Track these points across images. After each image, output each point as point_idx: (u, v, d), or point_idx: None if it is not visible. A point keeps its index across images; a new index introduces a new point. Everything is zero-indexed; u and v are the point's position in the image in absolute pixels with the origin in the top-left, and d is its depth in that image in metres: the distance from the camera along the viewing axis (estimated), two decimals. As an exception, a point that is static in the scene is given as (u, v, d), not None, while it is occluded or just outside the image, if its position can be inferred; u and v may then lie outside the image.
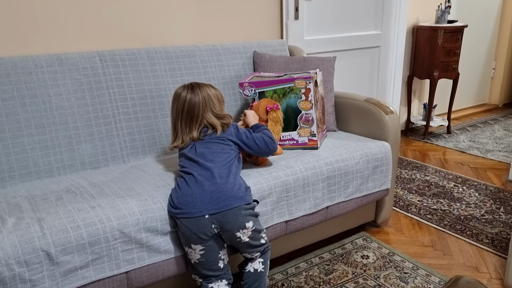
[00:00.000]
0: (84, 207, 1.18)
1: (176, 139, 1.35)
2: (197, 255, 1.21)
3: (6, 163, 1.42)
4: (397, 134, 1.79)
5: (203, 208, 1.17)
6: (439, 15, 3.00)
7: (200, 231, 1.17)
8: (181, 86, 1.38)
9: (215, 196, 1.18)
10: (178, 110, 1.34)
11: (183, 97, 1.34)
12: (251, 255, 1.30)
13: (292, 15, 2.31)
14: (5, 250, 1.01)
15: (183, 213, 1.18)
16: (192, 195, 1.19)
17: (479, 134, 3.26)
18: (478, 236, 1.84)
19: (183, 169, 1.29)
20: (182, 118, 1.34)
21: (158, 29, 1.92)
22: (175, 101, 1.36)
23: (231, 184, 1.21)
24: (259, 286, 1.31)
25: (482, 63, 3.86)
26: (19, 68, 1.48)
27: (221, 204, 1.17)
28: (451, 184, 2.37)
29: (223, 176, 1.23)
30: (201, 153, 1.29)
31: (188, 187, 1.21)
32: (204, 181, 1.21)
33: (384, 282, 1.54)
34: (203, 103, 1.33)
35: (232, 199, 1.18)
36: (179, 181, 1.26)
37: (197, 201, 1.18)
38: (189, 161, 1.29)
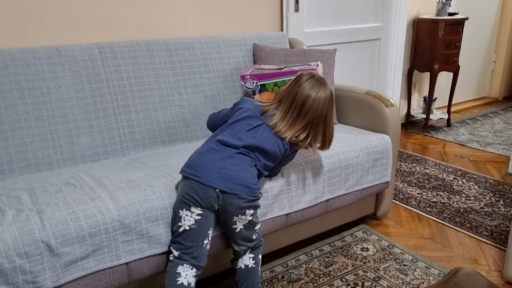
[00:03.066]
0: (84, 199, 1.18)
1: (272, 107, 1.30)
2: (191, 220, 1.18)
3: (6, 156, 1.42)
4: (397, 127, 1.79)
5: (216, 182, 1.16)
6: (439, 8, 2.98)
7: (205, 199, 1.18)
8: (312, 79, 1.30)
9: (232, 177, 1.18)
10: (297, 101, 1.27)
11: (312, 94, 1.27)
12: (239, 247, 1.29)
13: (292, 7, 2.30)
14: (5, 242, 1.01)
15: (196, 175, 1.18)
16: (213, 165, 1.18)
17: (479, 127, 3.26)
18: (477, 229, 1.85)
19: (222, 136, 1.25)
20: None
21: (157, 21, 1.91)
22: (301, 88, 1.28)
23: (250, 174, 1.21)
24: (251, 281, 1.29)
25: (482, 56, 3.85)
26: (18, 60, 1.47)
27: (234, 187, 1.17)
28: (451, 177, 2.37)
29: (247, 163, 1.22)
30: (256, 137, 1.25)
31: (212, 155, 1.20)
32: (230, 159, 1.20)
33: (383, 274, 1.55)
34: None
35: (244, 188, 1.18)
36: (208, 144, 1.25)
37: (214, 172, 1.17)
38: (236, 135, 1.25)
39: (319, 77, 1.32)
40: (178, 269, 1.18)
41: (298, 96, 1.27)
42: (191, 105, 1.80)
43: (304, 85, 1.28)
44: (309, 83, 1.28)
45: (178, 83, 1.78)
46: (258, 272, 1.32)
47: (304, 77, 1.30)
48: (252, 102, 1.35)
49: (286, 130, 1.26)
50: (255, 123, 1.28)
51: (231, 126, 1.28)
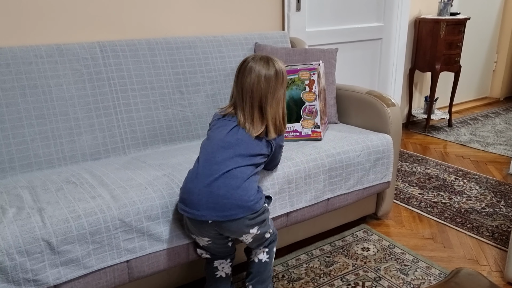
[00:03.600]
0: (85, 197, 1.18)
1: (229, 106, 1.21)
2: (205, 242, 1.22)
3: (7, 154, 1.42)
4: (398, 127, 1.79)
5: (207, 214, 1.10)
6: (441, 8, 2.98)
7: (203, 232, 1.17)
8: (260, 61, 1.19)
9: (221, 203, 1.09)
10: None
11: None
12: (256, 248, 1.30)
13: (294, 6, 2.29)
14: (6, 239, 1.01)
15: (187, 212, 1.14)
16: (199, 195, 1.11)
17: (480, 127, 3.26)
18: (478, 229, 1.85)
19: (206, 152, 1.16)
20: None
21: (159, 20, 1.91)
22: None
23: (243, 191, 1.11)
24: (263, 275, 1.30)
25: (484, 56, 3.84)
26: (19, 58, 1.47)
27: (226, 213, 1.09)
28: (452, 177, 2.37)
29: (239, 178, 1.11)
30: (237, 140, 1.16)
31: (198, 182, 1.12)
32: (216, 183, 1.10)
33: (384, 274, 1.55)
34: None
35: (238, 209, 1.09)
36: (195, 167, 1.17)
37: (202, 203, 1.10)
38: (216, 144, 1.15)
39: (263, 56, 1.21)
40: (214, 264, 1.26)
41: (244, 83, 1.18)
42: (192, 104, 1.80)
43: (247, 70, 1.18)
44: (250, 65, 1.18)
45: (179, 82, 1.78)
46: (271, 266, 1.32)
47: (246, 61, 1.20)
48: (217, 112, 1.29)
49: (252, 127, 1.18)
50: (230, 126, 1.19)
51: (209, 139, 1.22)
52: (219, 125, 1.22)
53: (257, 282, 1.29)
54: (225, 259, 1.28)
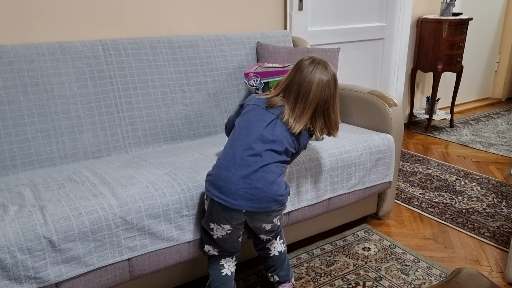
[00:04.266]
0: (86, 195, 1.18)
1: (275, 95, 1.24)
2: (223, 233, 1.22)
3: (9, 152, 1.42)
4: (400, 127, 1.78)
5: (243, 204, 1.13)
6: (444, 8, 2.97)
7: (232, 219, 1.18)
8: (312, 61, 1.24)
9: (259, 196, 1.13)
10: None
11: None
12: (268, 236, 1.34)
13: (296, 5, 2.29)
14: (7, 237, 1.02)
15: (221, 198, 1.14)
16: (238, 185, 1.13)
17: (482, 128, 3.25)
18: (479, 230, 1.84)
19: (243, 142, 1.17)
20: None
21: (161, 19, 1.91)
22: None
23: (277, 186, 1.15)
24: (285, 263, 1.39)
25: (486, 56, 3.83)
26: (21, 56, 1.47)
27: (261, 205, 1.14)
28: (453, 177, 2.36)
29: (274, 173, 1.16)
30: (273, 136, 1.18)
31: (235, 172, 1.13)
32: (254, 175, 1.13)
33: (385, 274, 1.54)
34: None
35: (272, 202, 1.15)
36: (229, 155, 1.17)
37: (239, 193, 1.12)
38: (254, 136, 1.18)
39: (320, 60, 1.26)
40: (221, 262, 1.27)
41: (302, 84, 1.22)
42: (193, 103, 1.80)
43: (305, 71, 1.22)
44: (310, 68, 1.23)
45: (181, 81, 1.78)
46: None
47: (305, 62, 1.24)
48: (255, 97, 1.31)
49: (296, 124, 1.21)
50: (268, 118, 1.22)
51: (246, 127, 1.22)
52: (257, 114, 1.23)
53: (281, 270, 1.39)
54: (231, 257, 1.29)
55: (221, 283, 1.27)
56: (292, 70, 1.27)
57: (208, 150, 1.56)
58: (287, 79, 1.26)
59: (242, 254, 1.48)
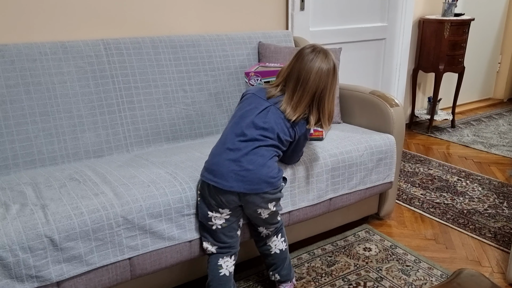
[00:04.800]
0: (88, 194, 1.18)
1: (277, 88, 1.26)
2: (221, 220, 1.23)
3: (11, 150, 1.42)
4: (402, 127, 1.78)
5: (234, 185, 1.16)
6: (445, 8, 2.97)
7: (228, 202, 1.20)
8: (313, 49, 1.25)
9: (250, 177, 1.16)
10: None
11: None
12: (267, 230, 1.35)
13: (298, 5, 2.29)
14: (9, 236, 1.02)
15: (214, 181, 1.17)
16: (229, 167, 1.16)
17: (484, 128, 3.24)
18: (480, 230, 1.84)
19: (234, 129, 1.22)
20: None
21: (163, 18, 1.91)
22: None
23: (268, 169, 1.18)
24: (286, 262, 1.39)
25: (488, 57, 3.82)
26: (24, 55, 1.48)
27: (253, 186, 1.17)
28: (455, 178, 2.36)
29: (265, 157, 1.19)
30: (265, 123, 1.21)
31: (227, 156, 1.18)
32: (245, 157, 1.17)
33: (386, 275, 1.54)
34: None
35: (263, 183, 1.17)
36: (222, 142, 1.22)
37: (231, 175, 1.16)
38: (246, 123, 1.21)
39: (321, 48, 1.26)
40: (219, 262, 1.27)
41: (301, 72, 1.22)
42: (195, 102, 1.80)
43: (306, 59, 1.23)
44: (311, 56, 1.23)
45: (183, 80, 1.78)
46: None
47: (306, 51, 1.25)
48: (254, 87, 1.34)
49: (293, 112, 1.23)
50: (262, 105, 1.24)
51: (240, 115, 1.25)
52: (252, 101, 1.27)
53: (282, 269, 1.39)
54: (229, 256, 1.29)
55: (219, 283, 1.27)
56: (293, 59, 1.28)
57: (209, 150, 1.54)
58: (288, 68, 1.28)
59: (243, 253, 1.49)
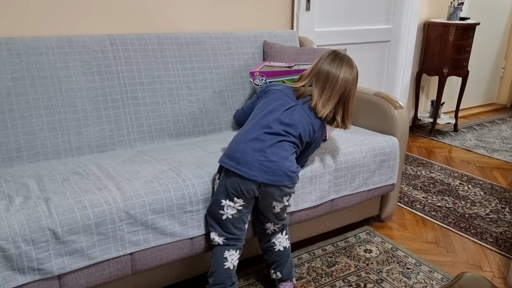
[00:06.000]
0: (91, 189, 1.18)
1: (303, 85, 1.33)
2: (233, 210, 1.25)
3: (14, 143, 1.42)
4: (405, 129, 1.78)
5: (258, 175, 1.19)
6: (451, 12, 2.96)
7: (247, 191, 1.22)
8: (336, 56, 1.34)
9: (273, 168, 1.19)
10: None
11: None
12: (275, 226, 1.36)
13: (303, 6, 2.29)
14: (12, 228, 1.02)
15: (237, 169, 1.20)
16: (254, 157, 1.19)
17: (486, 133, 3.24)
18: (482, 235, 1.84)
19: (261, 121, 1.25)
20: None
21: (169, 15, 1.91)
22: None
23: (290, 162, 1.23)
24: (288, 260, 1.40)
25: (492, 62, 3.82)
26: (30, 49, 1.48)
27: (275, 178, 1.20)
28: (457, 182, 2.36)
29: (288, 151, 1.23)
30: (290, 120, 1.26)
31: (252, 145, 1.21)
32: (270, 149, 1.20)
33: (386, 277, 1.54)
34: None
35: (285, 176, 1.21)
36: (247, 132, 1.25)
37: (255, 165, 1.19)
38: (273, 118, 1.25)
39: (347, 57, 1.36)
40: (224, 254, 1.28)
41: (329, 75, 1.30)
42: (199, 100, 1.80)
43: (331, 66, 1.31)
44: (336, 63, 1.32)
45: (187, 77, 1.78)
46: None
47: (332, 56, 1.33)
48: (279, 84, 1.38)
49: (323, 108, 1.29)
50: (289, 104, 1.29)
51: (268, 110, 1.28)
52: (279, 98, 1.31)
53: (284, 267, 1.39)
54: (235, 249, 1.29)
55: (223, 275, 1.28)
56: (319, 62, 1.34)
57: (212, 147, 1.56)
58: (315, 69, 1.33)
59: (243, 252, 1.49)
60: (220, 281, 1.27)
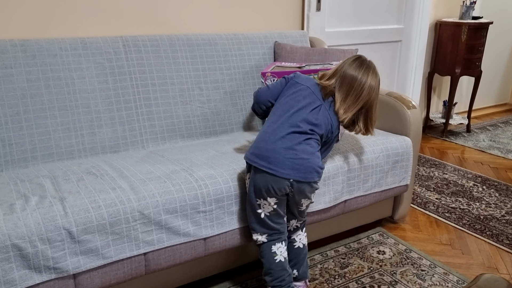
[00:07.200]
0: (105, 188, 1.19)
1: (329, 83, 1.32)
2: (270, 208, 1.26)
3: (29, 144, 1.44)
4: (418, 130, 1.76)
5: (290, 173, 1.20)
6: (463, 11, 2.92)
7: (280, 190, 1.22)
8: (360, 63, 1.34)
9: (305, 165, 1.21)
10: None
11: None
12: (298, 222, 1.37)
13: (314, 6, 2.28)
14: (28, 227, 1.03)
15: (269, 168, 1.20)
16: (285, 155, 1.20)
17: (500, 134, 3.18)
18: (498, 237, 1.80)
19: (288, 119, 1.25)
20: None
21: (180, 16, 1.92)
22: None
23: (318, 159, 1.25)
24: (306, 258, 1.41)
25: (505, 61, 3.76)
26: (45, 51, 1.50)
27: (307, 175, 1.22)
28: (471, 183, 2.32)
29: (315, 148, 1.25)
30: (316, 120, 1.27)
31: (282, 143, 1.21)
32: (299, 146, 1.21)
33: (400, 279, 1.52)
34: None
35: (315, 173, 1.24)
36: (274, 129, 1.25)
37: (287, 163, 1.19)
38: (300, 117, 1.26)
39: (372, 64, 1.36)
40: (272, 249, 1.30)
41: (354, 82, 1.30)
42: (210, 101, 1.81)
43: (357, 72, 1.31)
44: (362, 70, 1.32)
45: (199, 78, 1.79)
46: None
47: (358, 62, 1.33)
48: (308, 79, 1.35)
49: (345, 113, 1.30)
50: (316, 103, 1.29)
51: (294, 107, 1.28)
52: (306, 95, 1.30)
53: (302, 266, 1.39)
54: (280, 242, 1.31)
55: (278, 269, 1.29)
56: (342, 67, 1.33)
57: (224, 148, 1.56)
58: (339, 72, 1.33)
59: (240, 258, 1.48)
60: (277, 275, 1.29)
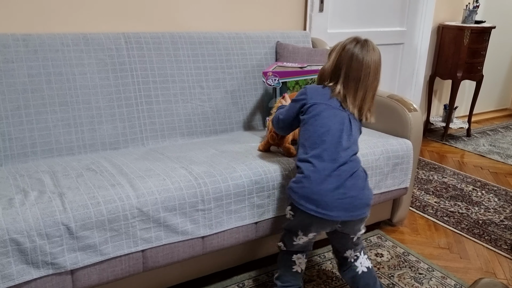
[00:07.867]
0: (104, 185, 1.19)
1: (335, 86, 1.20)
2: (305, 239, 1.23)
3: (29, 139, 1.44)
4: (419, 133, 1.76)
5: (340, 214, 1.13)
6: (466, 15, 2.92)
7: (325, 228, 1.20)
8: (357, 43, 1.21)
9: (354, 204, 1.14)
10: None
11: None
12: (355, 252, 1.29)
13: (317, 7, 2.28)
14: (27, 221, 1.03)
15: (317, 212, 1.13)
16: (334, 196, 1.12)
17: (500, 138, 3.18)
18: (496, 242, 1.80)
19: (330, 154, 1.15)
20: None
21: (183, 14, 1.92)
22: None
23: (368, 190, 1.18)
24: (376, 279, 1.31)
25: (507, 66, 3.76)
26: (47, 46, 1.49)
27: (357, 212, 1.15)
28: (470, 187, 2.32)
29: (362, 178, 1.17)
30: (350, 137, 1.18)
31: (329, 184, 1.12)
32: (347, 183, 1.13)
33: (398, 282, 1.52)
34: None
35: (366, 208, 1.17)
36: (318, 169, 1.13)
37: (336, 204, 1.12)
38: (338, 142, 1.16)
39: (365, 39, 1.24)
40: (293, 258, 1.27)
41: (361, 68, 1.18)
42: (211, 99, 1.80)
43: (360, 54, 1.19)
44: (364, 50, 1.20)
45: (200, 77, 1.79)
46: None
47: (357, 46, 1.20)
48: (318, 92, 1.23)
49: (359, 113, 1.23)
50: (344, 119, 1.19)
51: (329, 137, 1.17)
52: (331, 115, 1.19)
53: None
54: (302, 254, 1.29)
55: (291, 278, 1.27)
56: (339, 55, 1.22)
57: (224, 147, 1.55)
58: (342, 67, 1.20)
59: (237, 258, 1.47)
60: (288, 284, 1.26)
